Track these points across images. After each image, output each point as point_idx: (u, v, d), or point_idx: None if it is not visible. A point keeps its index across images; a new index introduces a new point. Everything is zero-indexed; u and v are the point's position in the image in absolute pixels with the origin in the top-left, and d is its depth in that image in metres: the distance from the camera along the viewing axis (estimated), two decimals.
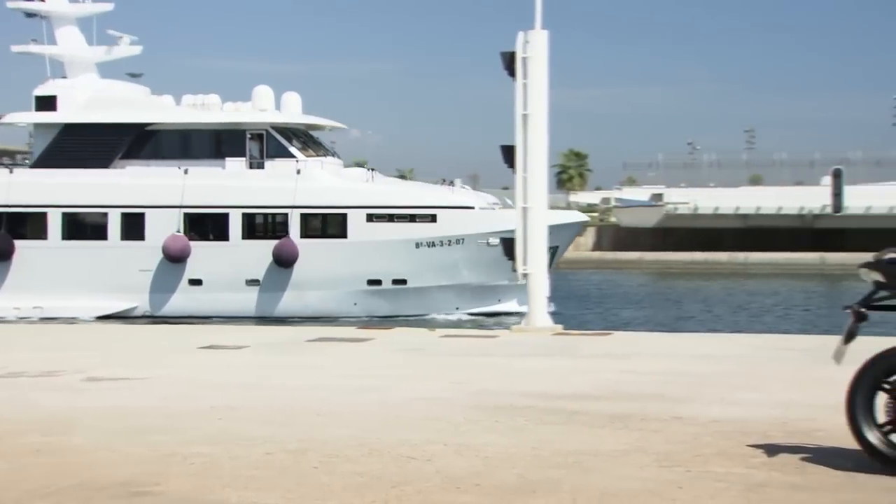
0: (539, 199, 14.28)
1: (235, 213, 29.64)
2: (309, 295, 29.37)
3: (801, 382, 7.74)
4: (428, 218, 29.04)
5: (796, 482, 4.63)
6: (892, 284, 4.87)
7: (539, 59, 14.22)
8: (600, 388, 7.61)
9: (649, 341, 12.01)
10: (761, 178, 69.37)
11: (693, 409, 6.57)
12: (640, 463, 5.06)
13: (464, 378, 8.25)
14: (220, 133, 30.68)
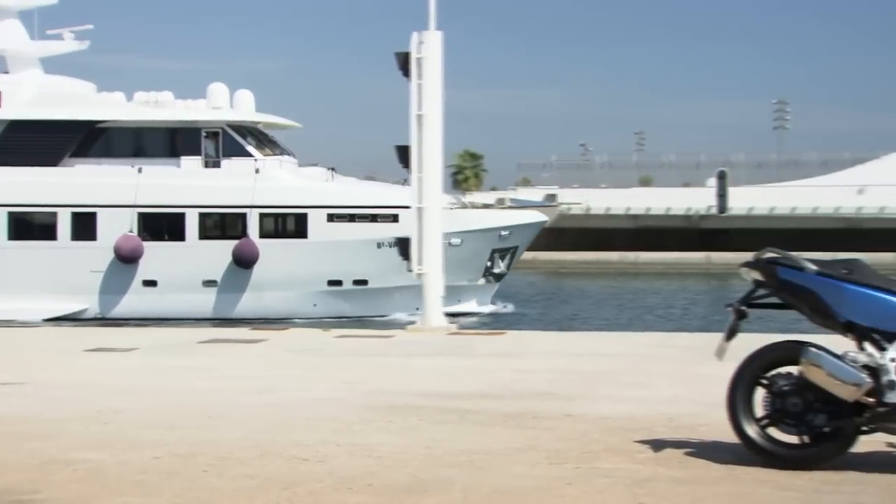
0: (434, 199, 14.38)
1: (192, 212, 29.04)
2: (268, 296, 28.88)
3: (685, 379, 7.97)
4: (390, 218, 28.76)
5: (679, 476, 4.77)
6: (771, 283, 5.06)
7: (433, 60, 14.30)
8: (494, 387, 7.70)
9: (542, 340, 12.21)
10: (651, 179, 71.18)
11: (583, 407, 6.71)
12: (532, 461, 5.15)
13: (358, 378, 8.23)
14: (174, 131, 29.99)
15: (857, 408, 4.73)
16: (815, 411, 4.83)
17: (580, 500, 4.43)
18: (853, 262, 4.98)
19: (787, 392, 4.90)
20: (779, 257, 5.07)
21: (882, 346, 4.76)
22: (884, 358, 4.71)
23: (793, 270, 4.98)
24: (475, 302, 29.90)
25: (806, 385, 4.84)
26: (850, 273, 4.91)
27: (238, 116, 30.46)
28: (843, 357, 4.76)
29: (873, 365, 4.71)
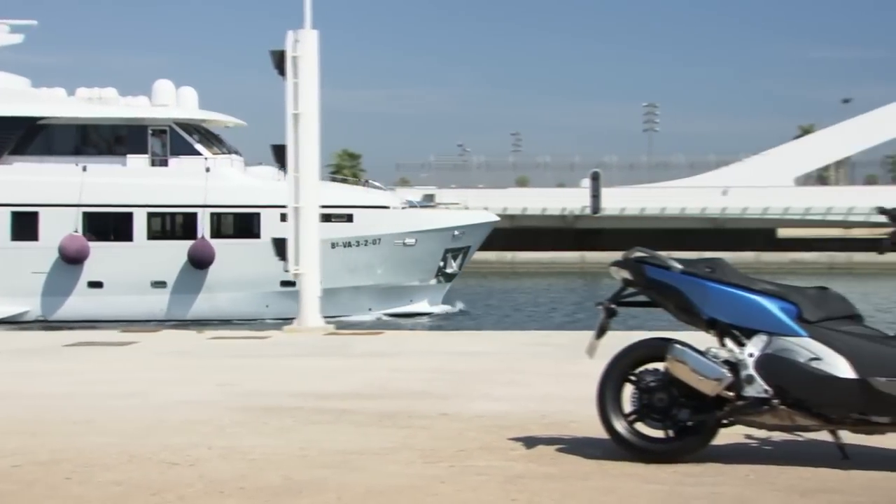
0: (311, 198, 14.26)
1: (140, 212, 28.04)
2: (220, 297, 28.11)
3: (558, 377, 8.12)
4: (344, 218, 28.26)
5: (551, 472, 4.86)
6: (639, 282, 5.20)
7: (309, 59, 14.18)
8: (370, 387, 7.68)
9: (419, 339, 12.25)
10: (527, 179, 72.35)
11: (458, 406, 6.76)
12: (406, 460, 5.16)
13: (231, 380, 8.08)
14: (120, 128, 28.85)
15: (718, 402, 4.91)
16: (679, 406, 4.99)
17: (453, 497, 4.46)
18: (716, 262, 5.16)
19: (653, 388, 5.04)
20: (646, 256, 5.22)
21: (741, 342, 4.95)
22: (743, 353, 4.90)
23: (659, 269, 5.13)
24: (427, 302, 29.73)
25: (671, 381, 4.99)
26: (712, 272, 5.08)
27: (185, 114, 29.67)
28: (705, 353, 4.93)
29: (733, 360, 4.90)
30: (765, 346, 4.88)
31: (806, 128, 71.45)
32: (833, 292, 5.00)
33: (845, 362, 4.72)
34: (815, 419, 4.80)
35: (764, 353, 4.86)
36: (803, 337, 4.83)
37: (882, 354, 4.70)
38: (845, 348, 4.75)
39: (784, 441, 5.32)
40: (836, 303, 4.96)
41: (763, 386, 4.80)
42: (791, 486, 4.53)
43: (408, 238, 28.79)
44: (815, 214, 52.42)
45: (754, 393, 4.82)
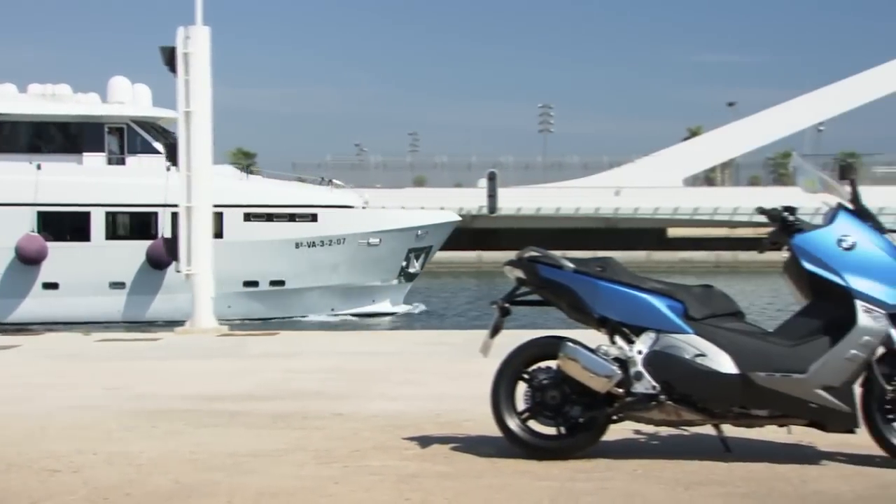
0: (204, 198, 14.00)
1: (98, 211, 27.11)
2: (180, 297, 26.76)
3: (454, 376, 8.17)
4: (308, 217, 27.90)
5: (445, 471, 4.88)
6: (532, 281, 5.27)
7: (201, 56, 13.94)
8: (264, 388, 7.58)
9: (315, 340, 12.16)
10: (424, 179, 72.45)
11: (353, 406, 6.74)
12: (300, 461, 5.11)
13: (120, 383, 7.87)
14: (75, 126, 27.87)
15: (608, 398, 5.01)
16: (571, 403, 5.07)
17: (347, 498, 4.44)
18: (606, 261, 5.27)
19: (546, 386, 5.12)
20: (539, 256, 5.29)
21: (631, 339, 5.06)
22: (632, 351, 5.01)
23: (552, 269, 5.21)
24: (388, 302, 29.35)
25: (563, 378, 5.08)
26: (603, 271, 5.19)
27: (142, 112, 28.86)
28: (596, 351, 5.02)
29: (623, 357, 5.00)
30: (653, 343, 5.00)
31: (694, 130, 73.53)
32: (717, 290, 5.16)
33: (728, 358, 4.88)
34: (699, 414, 4.94)
35: (652, 350, 4.98)
36: (689, 334, 4.97)
37: (762, 350, 4.87)
38: (728, 344, 4.91)
39: (671, 436, 5.47)
40: (720, 300, 5.12)
41: (651, 382, 4.93)
42: (676, 480, 4.66)
43: (372, 238, 28.61)
44: (703, 214, 53.96)
45: (643, 389, 4.94)
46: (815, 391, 4.77)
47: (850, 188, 5.06)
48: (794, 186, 5.23)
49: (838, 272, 4.86)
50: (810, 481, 4.60)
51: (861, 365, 4.79)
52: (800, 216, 5.10)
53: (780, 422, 4.93)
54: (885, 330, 4.78)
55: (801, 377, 4.78)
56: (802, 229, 5.02)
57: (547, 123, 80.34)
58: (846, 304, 4.83)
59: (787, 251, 5.07)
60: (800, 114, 56.12)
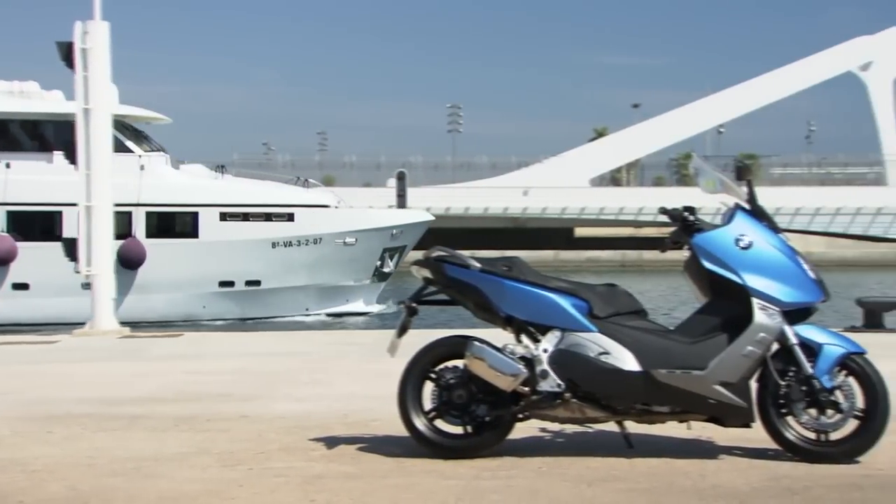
0: (104, 197, 13.67)
1: (70, 210, 25.18)
2: (154, 298, 26.54)
3: (362, 376, 8.13)
4: (285, 217, 27.48)
5: (351, 472, 4.85)
6: (439, 280, 5.28)
7: (100, 52, 13.59)
8: (166, 391, 7.42)
9: (221, 341, 11.96)
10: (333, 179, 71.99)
11: (260, 407, 6.65)
12: (203, 464, 5.02)
13: (13, 388, 7.61)
14: (44, 124, 27.02)
15: (514, 397, 5.05)
16: (478, 402, 5.10)
17: (251, 500, 4.38)
18: (513, 260, 5.31)
19: (452, 385, 5.13)
20: (446, 255, 5.30)
21: (537, 338, 5.11)
22: (538, 349, 5.06)
23: (459, 268, 5.22)
24: (362, 302, 28.97)
25: (470, 377, 5.10)
26: (509, 270, 5.22)
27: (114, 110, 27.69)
28: (502, 350, 5.06)
29: (529, 356, 5.05)
30: (558, 341, 5.05)
31: (600, 130, 74.79)
32: (620, 289, 5.25)
33: (631, 356, 4.97)
34: (603, 411, 5.02)
35: (557, 348, 5.04)
36: (593, 332, 5.04)
37: (663, 348, 4.97)
38: (631, 342, 5.00)
39: (575, 433, 5.54)
40: (624, 299, 5.20)
41: (556, 380, 4.98)
42: (580, 476, 4.72)
43: (348, 237, 28.32)
44: (609, 214, 54.91)
45: (548, 387, 4.99)
46: (714, 387, 4.88)
47: (747, 189, 5.20)
48: (696, 187, 5.35)
49: (736, 271, 4.99)
50: (709, 475, 4.72)
51: (757, 361, 4.93)
52: (701, 216, 5.22)
53: (680, 418, 5.04)
54: (780, 327, 4.93)
55: (700, 374, 4.89)
56: (702, 229, 5.14)
57: (456, 124, 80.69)
58: (743, 302, 4.96)
59: (687, 250, 5.18)
60: (702, 116, 57.58)
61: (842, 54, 58.05)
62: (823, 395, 4.88)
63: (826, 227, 54.75)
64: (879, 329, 11.38)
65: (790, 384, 4.93)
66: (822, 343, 4.94)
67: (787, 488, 4.48)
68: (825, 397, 4.89)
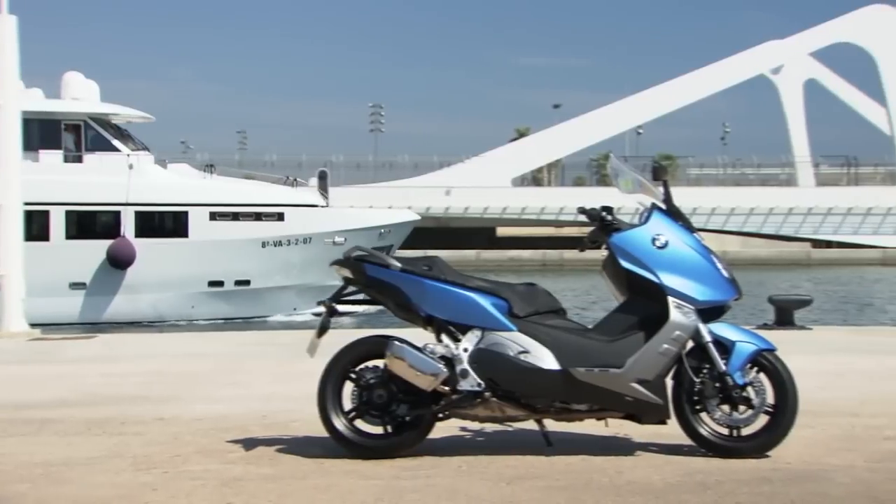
0: (14, 195, 13.28)
1: (58, 210, 25.87)
2: (143, 298, 26.13)
3: (281, 376, 8.05)
4: (275, 216, 27.38)
5: (269, 473, 4.80)
6: (359, 280, 5.26)
7: (8, 46, 13.22)
8: (78, 394, 7.23)
9: (137, 342, 11.71)
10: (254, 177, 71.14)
11: (176, 409, 6.52)
12: (116, 468, 4.90)
13: None
14: (30, 122, 25.50)
15: (435, 396, 5.05)
16: (398, 402, 5.09)
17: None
18: (433, 260, 5.31)
19: (373, 385, 5.11)
20: (366, 255, 5.28)
21: (457, 337, 5.12)
22: (458, 349, 5.06)
23: (379, 268, 5.21)
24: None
25: (390, 377, 5.08)
26: (430, 270, 5.22)
27: (99, 108, 27.81)
28: (423, 349, 5.05)
29: (449, 355, 5.05)
30: (478, 341, 5.07)
31: (521, 131, 75.38)
32: (540, 288, 5.29)
33: (550, 354, 5.01)
34: (523, 409, 5.05)
35: (477, 347, 5.05)
36: (513, 331, 5.07)
37: (581, 346, 5.02)
38: (550, 341, 5.04)
39: (495, 432, 5.57)
40: (543, 298, 5.24)
41: (476, 380, 4.99)
42: (499, 475, 4.74)
43: (337, 237, 27.99)
44: (531, 214, 55.40)
45: (468, 387, 5.00)
46: (631, 385, 4.95)
47: (663, 189, 5.29)
48: (615, 187, 5.42)
49: (652, 270, 5.07)
50: (625, 472, 4.78)
51: (672, 359, 5.02)
52: (619, 216, 5.29)
53: (598, 415, 5.10)
54: (695, 325, 5.02)
55: (617, 372, 4.95)
56: (620, 228, 5.21)
57: (378, 123, 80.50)
58: (660, 301, 5.04)
59: (605, 249, 5.24)
60: (621, 116, 58.51)
61: (754, 58, 59.57)
62: (736, 391, 4.99)
63: (740, 226, 56.13)
64: (790, 326, 11.69)
65: (704, 381, 5.03)
66: (735, 340, 5.04)
67: (701, 483, 4.57)
68: (737, 394, 5.00)
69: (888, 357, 8.97)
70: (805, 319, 13.32)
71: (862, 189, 58.41)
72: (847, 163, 63.21)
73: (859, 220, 55.89)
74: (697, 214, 52.92)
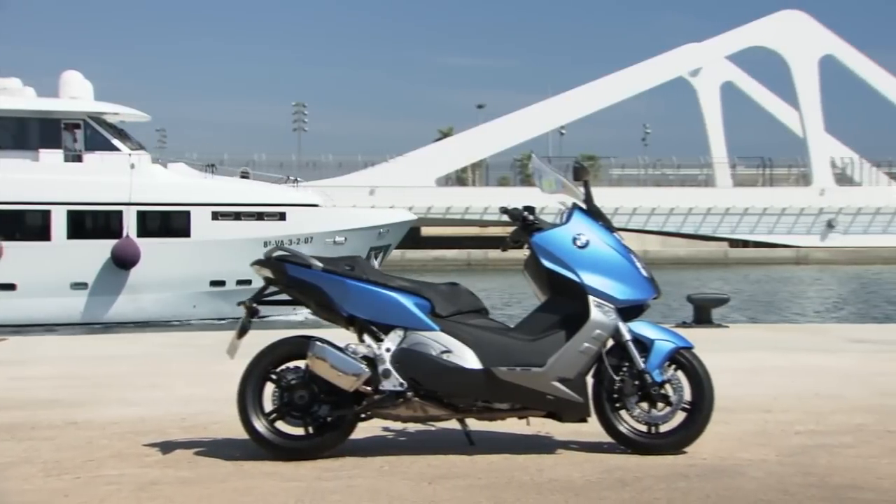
0: None
1: (59, 210, 25.72)
2: (145, 298, 25.91)
3: (201, 378, 7.92)
4: (277, 216, 27.37)
5: (187, 476, 4.71)
6: (281, 280, 5.20)
7: None
8: None
9: (48, 344, 11.41)
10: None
11: (90, 413, 6.37)
12: (25, 475, 4.76)
13: None
14: (30, 121, 26.50)
15: (357, 396, 5.02)
16: (320, 402, 5.05)
17: None
18: (355, 259, 5.27)
19: (294, 386, 5.06)
20: (288, 255, 5.22)
21: (379, 337, 5.10)
22: (380, 349, 5.04)
23: (300, 268, 5.16)
24: None
25: (312, 378, 5.04)
26: (352, 269, 5.19)
27: (98, 107, 27.56)
28: (345, 349, 5.02)
29: (371, 355, 5.03)
30: (401, 340, 5.05)
31: (445, 131, 75.52)
32: (462, 287, 5.30)
33: (472, 354, 5.02)
34: (445, 409, 5.05)
35: (400, 347, 5.04)
36: (435, 331, 5.06)
37: (503, 345, 5.04)
38: (472, 340, 5.05)
39: (418, 431, 5.56)
40: (466, 297, 5.25)
41: (399, 379, 4.98)
42: (421, 474, 4.73)
43: (338, 236, 27.78)
44: (455, 214, 55.55)
45: (390, 387, 4.98)
46: (552, 383, 4.99)
47: (584, 189, 5.34)
48: None
49: (573, 269, 5.11)
50: (546, 470, 4.82)
51: (593, 357, 5.07)
52: (543, 216, 5.33)
53: (520, 414, 5.12)
54: (615, 323, 5.08)
55: (539, 370, 4.98)
56: (542, 228, 5.24)
57: (301, 122, 79.77)
58: (580, 300, 5.09)
59: (527, 249, 5.27)
60: (544, 117, 59.01)
61: (673, 60, 60.63)
62: (654, 389, 5.07)
63: (661, 226, 57.14)
64: (708, 324, 11.94)
65: (624, 379, 5.09)
66: (654, 339, 5.12)
67: (619, 480, 4.62)
68: (656, 391, 5.07)
69: (800, 354, 9.22)
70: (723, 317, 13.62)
71: (776, 190, 59.99)
72: (762, 164, 64.84)
73: (774, 220, 57.39)
74: (619, 214, 53.71)
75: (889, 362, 8.53)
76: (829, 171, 59.33)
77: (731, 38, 61.22)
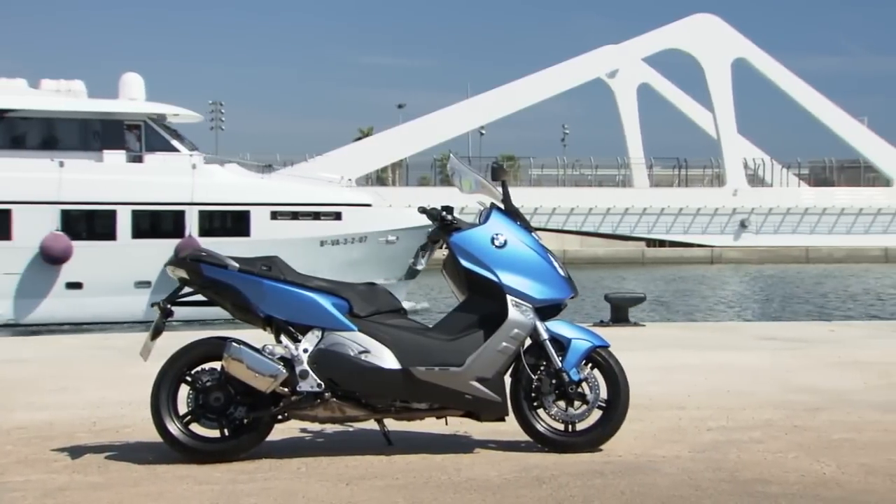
0: None
1: (124, 210, 26.22)
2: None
3: (114, 380, 7.74)
4: (332, 216, 27.70)
5: (97, 481, 4.60)
6: (196, 280, 5.12)
7: None
8: None
9: None
10: None
11: None
12: None
13: None
14: (93, 123, 26.60)
15: (274, 398, 4.96)
16: (236, 404, 4.98)
17: None
18: (272, 259, 5.22)
19: (209, 387, 4.99)
20: (203, 255, 5.14)
21: (297, 338, 5.05)
22: (298, 349, 5.00)
23: (216, 268, 5.08)
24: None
25: (228, 379, 4.97)
26: (269, 270, 5.13)
27: (157, 108, 27.65)
28: (261, 350, 4.96)
29: (288, 356, 4.98)
30: (318, 341, 5.02)
31: (365, 131, 75.29)
32: (381, 288, 5.28)
33: (390, 354, 5.00)
34: (363, 409, 5.02)
35: (317, 348, 5.00)
36: (353, 331, 5.04)
37: (421, 345, 5.04)
38: (390, 340, 5.03)
39: (335, 432, 5.52)
40: (384, 298, 5.24)
41: (316, 380, 4.94)
42: (339, 475, 4.70)
43: (391, 236, 27.97)
44: None
45: (308, 388, 4.94)
46: (470, 383, 5.00)
47: (502, 189, 5.37)
48: None
49: (491, 269, 5.14)
50: (464, 469, 4.83)
51: (511, 356, 5.10)
52: (463, 216, 5.34)
53: (438, 413, 5.13)
54: (532, 323, 5.12)
55: (457, 370, 4.99)
56: (460, 228, 5.25)
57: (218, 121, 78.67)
58: (499, 300, 5.12)
59: (446, 249, 5.28)
60: (464, 117, 59.24)
61: (591, 62, 61.46)
62: (571, 387, 5.12)
63: (579, 226, 57.88)
64: (625, 323, 12.12)
65: (541, 378, 5.13)
66: (571, 338, 5.17)
67: (537, 478, 4.66)
68: (573, 390, 5.13)
69: (712, 352, 9.42)
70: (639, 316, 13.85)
71: (692, 190, 61.27)
72: (678, 165, 66.16)
73: (689, 220, 58.62)
74: (539, 214, 54.24)
75: (796, 359, 8.78)
76: (741, 172, 60.85)
77: (648, 41, 62.32)
